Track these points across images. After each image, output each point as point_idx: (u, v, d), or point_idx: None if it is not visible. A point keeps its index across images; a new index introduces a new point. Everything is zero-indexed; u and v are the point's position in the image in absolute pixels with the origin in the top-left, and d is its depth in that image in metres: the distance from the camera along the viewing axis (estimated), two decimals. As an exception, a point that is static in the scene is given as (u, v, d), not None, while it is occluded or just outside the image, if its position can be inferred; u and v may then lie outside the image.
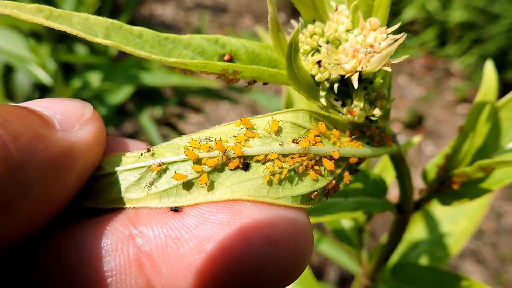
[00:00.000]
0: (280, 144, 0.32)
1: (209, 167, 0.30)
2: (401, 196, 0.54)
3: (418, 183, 0.83)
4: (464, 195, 0.52)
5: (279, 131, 0.32)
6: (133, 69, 1.35)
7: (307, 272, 0.82)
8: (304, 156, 0.32)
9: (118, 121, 1.64)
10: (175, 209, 0.29)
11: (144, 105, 1.61)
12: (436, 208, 0.85)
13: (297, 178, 0.32)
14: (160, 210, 0.29)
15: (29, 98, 1.58)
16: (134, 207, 0.30)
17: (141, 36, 0.36)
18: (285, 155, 0.31)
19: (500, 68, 2.97)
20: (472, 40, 3.35)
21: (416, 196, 0.56)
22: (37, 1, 0.34)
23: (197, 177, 0.30)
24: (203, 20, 2.01)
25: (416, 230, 0.84)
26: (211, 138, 0.31)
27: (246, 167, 0.30)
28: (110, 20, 0.35)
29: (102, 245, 0.27)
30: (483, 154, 0.53)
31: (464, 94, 3.18)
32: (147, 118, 1.55)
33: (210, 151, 0.30)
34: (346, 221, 0.77)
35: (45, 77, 1.38)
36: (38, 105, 0.28)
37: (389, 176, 0.73)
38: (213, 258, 0.27)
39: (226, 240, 0.27)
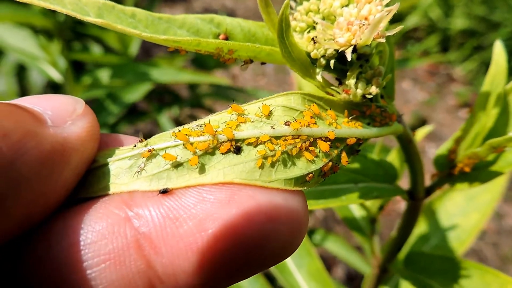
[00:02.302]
0: (271, 127, 0.30)
1: (200, 150, 0.29)
2: (411, 181, 0.52)
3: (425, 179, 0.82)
4: (476, 178, 0.50)
5: (270, 114, 0.31)
6: (142, 65, 1.32)
7: (319, 266, 0.82)
8: (297, 138, 0.31)
9: (134, 120, 1.62)
10: (165, 191, 0.27)
11: (162, 106, 1.60)
12: (447, 203, 0.83)
13: (290, 161, 0.31)
14: (154, 193, 0.28)
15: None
16: (128, 191, 0.28)
17: (134, 16, 0.35)
18: (277, 138, 0.30)
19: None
20: (473, 47, 3.34)
21: (427, 184, 0.55)
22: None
23: (188, 160, 0.29)
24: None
25: (427, 225, 0.82)
26: (202, 126, 0.30)
27: (238, 150, 0.29)
28: (102, 1, 0.34)
29: (98, 229, 0.26)
30: (494, 137, 0.49)
31: (466, 99, 3.16)
32: (166, 119, 1.53)
33: (200, 135, 0.29)
34: (357, 211, 0.76)
35: (56, 75, 1.36)
36: (29, 102, 0.27)
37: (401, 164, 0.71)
38: (214, 236, 0.26)
39: (226, 217, 0.26)
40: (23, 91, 1.55)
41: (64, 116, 0.27)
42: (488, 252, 2.17)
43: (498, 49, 0.51)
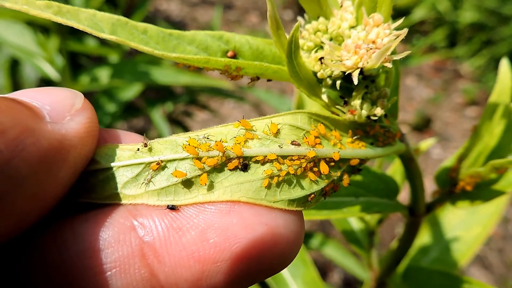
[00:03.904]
0: (279, 146, 0.32)
1: (209, 166, 0.30)
2: (412, 198, 0.54)
3: (427, 187, 0.84)
4: (477, 196, 0.52)
5: (277, 133, 0.33)
6: (143, 66, 1.35)
7: (314, 276, 0.84)
8: (303, 158, 0.32)
9: (128, 117, 1.66)
10: (172, 207, 0.29)
11: (156, 102, 1.63)
12: (449, 215, 0.85)
13: (295, 181, 0.32)
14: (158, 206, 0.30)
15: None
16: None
17: (146, 32, 0.37)
18: (284, 157, 0.32)
19: None
20: (482, 41, 3.35)
21: (428, 199, 0.57)
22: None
23: (196, 176, 0.30)
24: (217, 17, 2.01)
25: (427, 236, 0.84)
26: (209, 137, 0.31)
27: (245, 167, 0.31)
28: (116, 16, 0.36)
29: (105, 237, 0.27)
30: (498, 156, 0.52)
31: (473, 96, 3.18)
32: (159, 116, 1.56)
33: (209, 150, 0.31)
34: (355, 223, 0.78)
35: (52, 72, 1.39)
36: (27, 95, 0.28)
37: (402, 178, 0.73)
38: (216, 245, 0.28)
39: (227, 227, 0.28)
40: (15, 87, 1.58)
41: (63, 111, 0.28)
42: (493, 258, 2.19)
43: (504, 68, 0.53)
